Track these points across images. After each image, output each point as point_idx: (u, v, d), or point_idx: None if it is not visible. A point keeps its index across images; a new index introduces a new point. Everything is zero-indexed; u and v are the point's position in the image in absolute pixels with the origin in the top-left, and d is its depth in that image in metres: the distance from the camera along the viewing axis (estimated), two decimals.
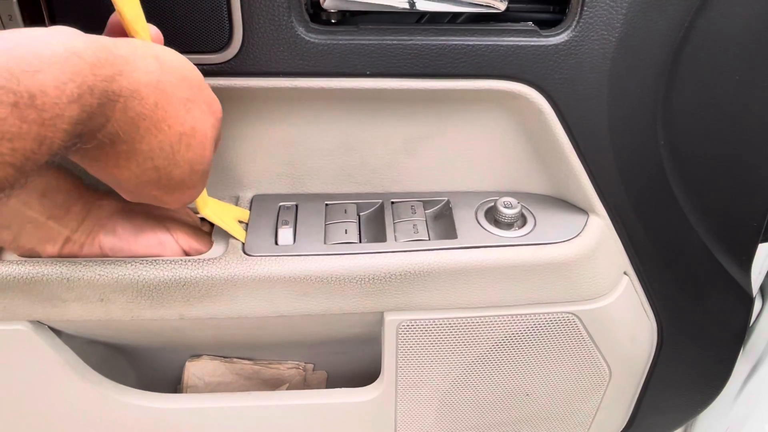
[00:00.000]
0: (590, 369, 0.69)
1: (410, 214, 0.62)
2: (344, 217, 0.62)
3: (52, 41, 0.34)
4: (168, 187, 0.46)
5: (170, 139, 0.43)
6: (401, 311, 0.61)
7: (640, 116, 0.56)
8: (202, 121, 0.46)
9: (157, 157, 0.43)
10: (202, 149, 0.46)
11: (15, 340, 0.59)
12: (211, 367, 0.72)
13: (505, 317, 0.63)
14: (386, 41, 0.52)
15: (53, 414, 0.66)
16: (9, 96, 0.31)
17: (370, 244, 0.60)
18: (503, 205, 0.61)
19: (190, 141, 0.45)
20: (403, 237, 0.60)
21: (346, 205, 0.63)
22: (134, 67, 0.39)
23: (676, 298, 0.67)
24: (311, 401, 0.68)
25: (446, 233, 0.62)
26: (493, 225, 0.62)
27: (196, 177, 0.48)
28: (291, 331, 0.65)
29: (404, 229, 0.61)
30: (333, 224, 0.61)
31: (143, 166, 0.43)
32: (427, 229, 0.61)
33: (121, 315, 0.58)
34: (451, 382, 0.67)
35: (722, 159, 0.59)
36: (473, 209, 0.63)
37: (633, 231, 0.62)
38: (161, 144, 0.42)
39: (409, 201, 0.64)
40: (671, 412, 0.80)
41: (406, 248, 0.59)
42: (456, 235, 0.60)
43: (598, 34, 0.52)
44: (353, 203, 0.64)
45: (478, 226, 0.62)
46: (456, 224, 0.62)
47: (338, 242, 0.59)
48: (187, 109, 0.44)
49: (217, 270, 0.57)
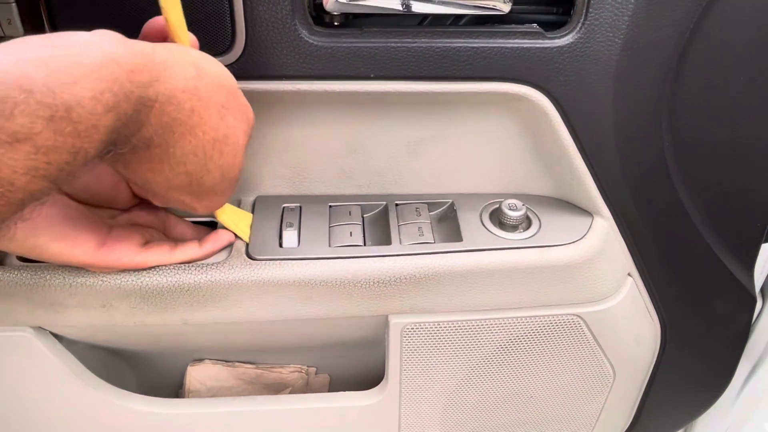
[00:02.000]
0: (594, 370, 0.69)
1: (415, 216, 0.62)
2: (349, 219, 0.61)
3: (92, 47, 0.34)
4: (198, 193, 0.47)
5: (204, 144, 0.43)
6: (406, 314, 0.61)
7: (645, 118, 0.55)
8: (235, 128, 0.46)
9: (190, 162, 0.43)
10: (234, 156, 0.47)
11: (17, 346, 0.59)
12: (213, 371, 0.72)
13: (510, 320, 0.63)
14: (390, 44, 0.52)
15: (55, 419, 0.65)
16: (45, 110, 0.31)
17: (376, 248, 0.59)
18: (508, 207, 0.60)
19: (223, 147, 0.45)
20: (408, 240, 0.60)
21: (351, 207, 0.63)
22: (172, 73, 0.39)
23: (680, 300, 0.67)
24: (314, 405, 0.68)
25: (451, 236, 0.61)
26: (498, 227, 0.61)
27: (226, 184, 0.48)
28: (294, 335, 0.65)
29: (409, 232, 0.60)
30: (337, 226, 0.61)
31: (176, 171, 0.43)
32: (432, 232, 0.61)
33: (124, 321, 0.58)
34: (455, 385, 0.67)
35: (727, 160, 0.59)
36: (478, 211, 0.63)
37: (637, 233, 0.62)
38: (195, 149, 0.43)
39: (413, 203, 0.64)
40: (674, 412, 0.80)
41: (411, 251, 0.59)
42: (461, 238, 0.60)
43: (603, 35, 0.52)
44: (357, 205, 0.63)
45: (483, 229, 0.61)
46: (461, 227, 0.61)
47: (343, 245, 0.59)
48: (221, 116, 0.44)
49: (220, 274, 0.56)
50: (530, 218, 0.63)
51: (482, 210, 0.63)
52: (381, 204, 0.64)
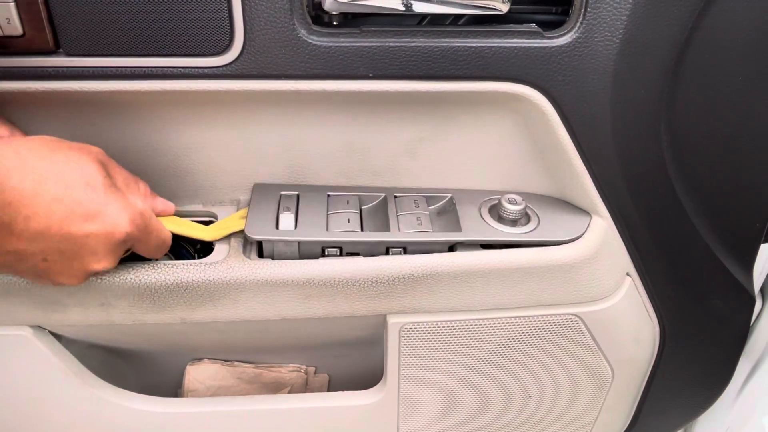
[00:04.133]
0: (593, 370, 0.69)
1: (414, 207, 0.62)
2: (347, 208, 0.61)
3: None
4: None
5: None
6: (404, 314, 0.61)
7: (644, 118, 0.55)
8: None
9: None
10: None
11: (16, 345, 0.59)
12: (212, 370, 0.72)
13: (508, 319, 0.63)
14: (389, 43, 0.52)
15: (54, 418, 0.65)
16: None
17: (374, 233, 0.60)
18: (508, 201, 0.60)
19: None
20: (407, 228, 0.60)
21: (349, 197, 0.63)
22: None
23: (679, 299, 0.67)
24: (313, 404, 0.68)
25: (450, 228, 0.62)
26: (497, 221, 0.62)
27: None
28: (293, 334, 0.65)
29: (408, 221, 0.60)
30: (335, 214, 0.61)
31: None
32: (431, 223, 0.61)
33: (123, 319, 0.58)
34: (454, 385, 0.67)
35: (725, 160, 0.59)
36: (477, 205, 0.63)
37: (636, 232, 0.62)
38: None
39: (412, 195, 0.64)
40: (673, 412, 0.80)
41: (410, 238, 0.59)
42: (460, 229, 0.60)
43: (601, 35, 0.52)
44: (355, 195, 0.63)
45: (483, 222, 0.61)
46: (460, 220, 0.61)
47: (341, 230, 0.59)
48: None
49: (219, 273, 0.56)
50: (529, 215, 0.63)
51: (481, 204, 0.63)
52: (380, 195, 0.64)
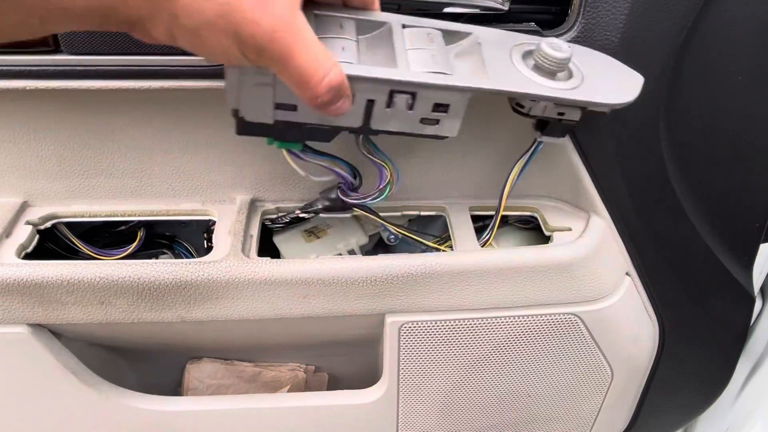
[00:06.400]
0: (592, 370, 0.68)
1: (427, 42, 0.48)
2: (340, 33, 0.47)
3: None
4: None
5: None
6: (403, 313, 0.61)
7: (643, 117, 0.55)
8: None
9: None
10: None
11: (15, 343, 0.59)
12: (211, 369, 0.72)
13: (507, 318, 0.63)
14: None
15: (53, 417, 0.65)
16: None
17: (376, 68, 0.45)
18: (550, 46, 0.47)
19: None
20: (418, 67, 0.46)
21: (342, 19, 0.47)
22: None
23: (679, 299, 0.67)
24: (312, 403, 0.68)
25: (474, 72, 0.49)
26: (532, 70, 0.49)
27: None
28: (292, 333, 0.65)
29: (420, 59, 0.46)
30: (326, 39, 0.45)
31: None
32: (450, 63, 0.48)
33: (122, 318, 0.58)
34: (452, 384, 0.67)
35: (724, 160, 0.59)
36: (507, 50, 0.50)
37: (635, 232, 0.62)
38: None
39: (425, 28, 0.49)
40: (673, 412, 0.80)
41: (423, 80, 0.45)
42: (487, 75, 0.48)
43: (600, 35, 0.52)
44: (351, 18, 0.48)
45: (514, 69, 0.49)
46: (486, 64, 0.48)
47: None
48: None
49: (218, 272, 0.56)
50: (572, 69, 0.50)
51: (512, 49, 0.50)
52: (384, 22, 0.48)
